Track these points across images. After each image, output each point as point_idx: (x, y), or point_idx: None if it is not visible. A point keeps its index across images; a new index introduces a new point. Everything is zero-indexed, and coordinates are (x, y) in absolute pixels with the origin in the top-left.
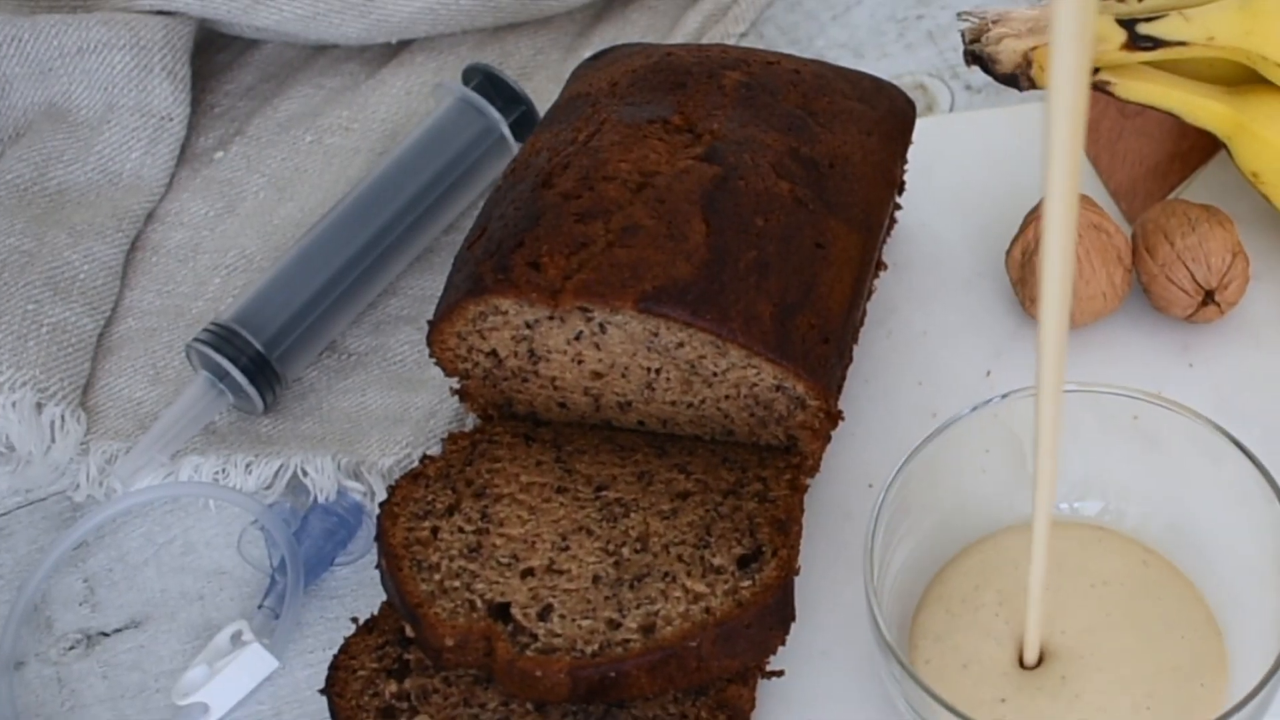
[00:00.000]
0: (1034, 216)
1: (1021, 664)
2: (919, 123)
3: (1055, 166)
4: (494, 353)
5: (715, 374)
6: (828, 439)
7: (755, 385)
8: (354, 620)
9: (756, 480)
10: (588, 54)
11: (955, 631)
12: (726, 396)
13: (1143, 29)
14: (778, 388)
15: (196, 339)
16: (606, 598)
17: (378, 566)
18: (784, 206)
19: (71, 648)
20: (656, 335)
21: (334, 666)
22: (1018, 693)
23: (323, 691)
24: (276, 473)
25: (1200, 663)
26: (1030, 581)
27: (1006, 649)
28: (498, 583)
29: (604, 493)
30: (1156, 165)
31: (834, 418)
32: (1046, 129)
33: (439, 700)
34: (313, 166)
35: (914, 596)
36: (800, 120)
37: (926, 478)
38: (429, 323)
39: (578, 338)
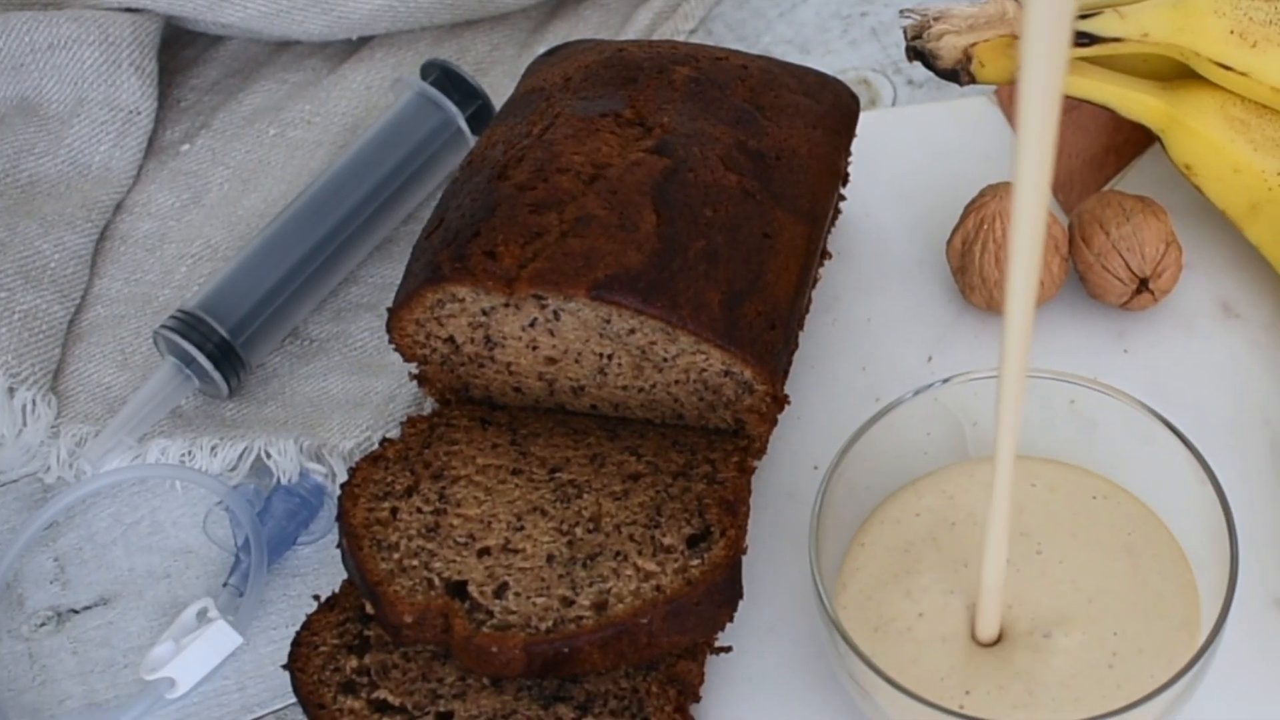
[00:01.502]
0: (974, 207)
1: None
2: (863, 116)
3: (1027, 144)
4: (451, 339)
5: (665, 359)
6: (774, 423)
7: (704, 370)
8: (316, 598)
9: (705, 463)
10: (542, 50)
11: (871, 562)
12: (676, 381)
13: (1079, 25)
14: (726, 373)
15: (163, 326)
16: (560, 576)
17: (339, 546)
18: (732, 197)
19: (42, 624)
20: (609, 322)
21: (296, 643)
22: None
23: (285, 667)
24: (241, 455)
25: (1183, 600)
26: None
27: (926, 558)
28: (455, 561)
29: (558, 474)
30: (1093, 158)
31: (780, 402)
32: (1019, 117)
33: (398, 675)
34: (276, 159)
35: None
36: (748, 114)
37: (870, 460)
38: (388, 310)
39: (532, 324)
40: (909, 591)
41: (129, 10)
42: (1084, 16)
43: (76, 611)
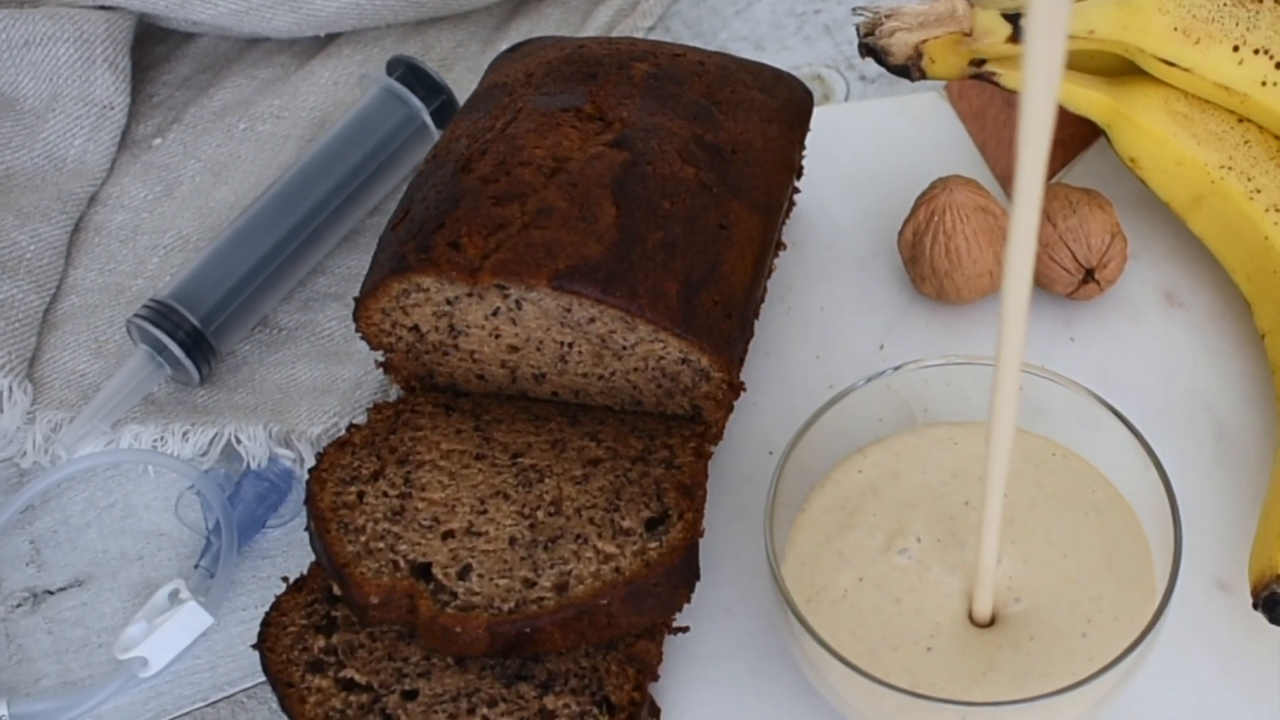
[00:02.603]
0: (924, 199)
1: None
2: (816, 111)
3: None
4: (416, 328)
5: (624, 348)
6: (730, 409)
7: (662, 358)
8: (284, 579)
9: (663, 448)
10: (505, 46)
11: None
12: (635, 369)
13: (1024, 23)
14: (683, 361)
15: (136, 315)
16: (522, 558)
17: (307, 528)
18: (689, 190)
19: (19, 605)
20: (569, 311)
21: (265, 623)
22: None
23: (255, 646)
24: (211, 440)
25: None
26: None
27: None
28: (420, 544)
29: (520, 459)
30: None
31: (736, 389)
32: (1021, 113)
33: (364, 654)
34: (246, 152)
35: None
36: (705, 109)
37: (823, 445)
38: (355, 299)
39: (495, 313)
40: (841, 552)
41: (103, 8)
42: None
43: (52, 592)
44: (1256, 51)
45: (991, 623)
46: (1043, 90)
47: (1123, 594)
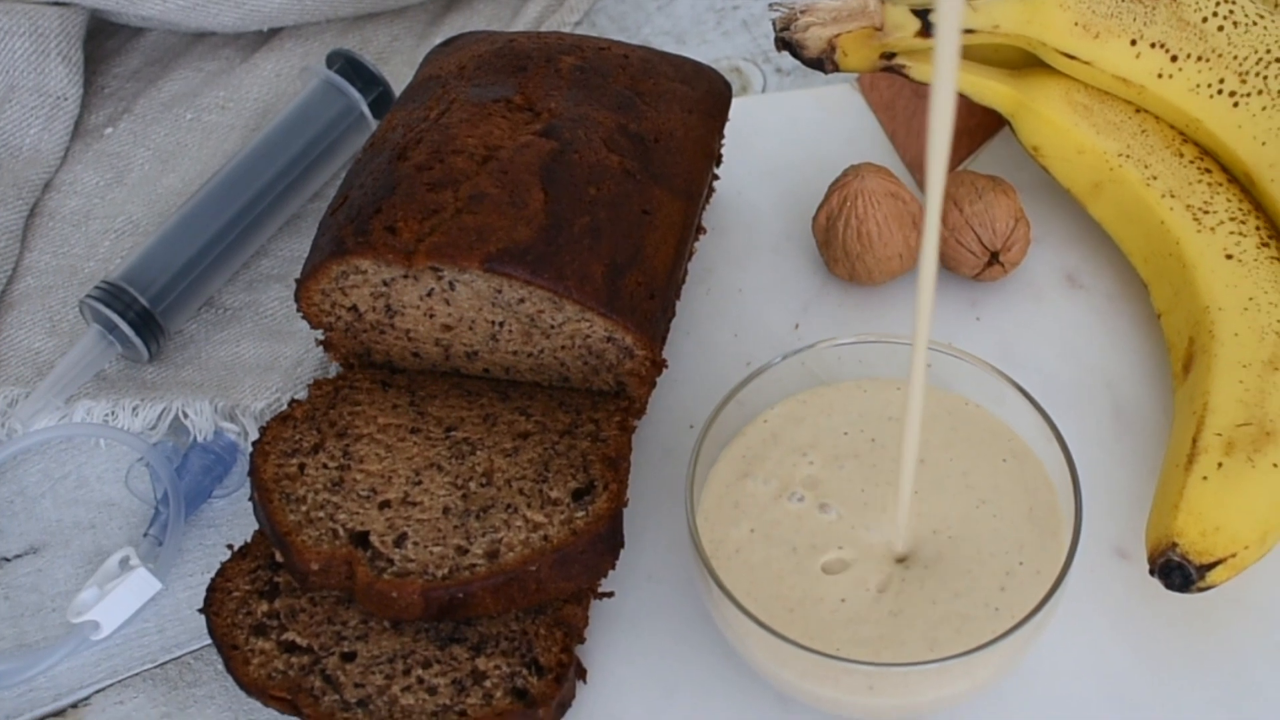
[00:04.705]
0: (837, 185)
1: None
2: (735, 102)
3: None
4: (354, 308)
5: (552, 327)
6: (653, 385)
7: (588, 337)
8: (229, 547)
9: (589, 422)
10: (439, 40)
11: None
12: (563, 347)
13: (933, 17)
14: (608, 339)
15: (89, 295)
16: (455, 527)
17: (250, 499)
18: (614, 177)
19: None
20: (500, 292)
21: (211, 588)
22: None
23: (201, 610)
24: (160, 415)
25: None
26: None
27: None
28: (358, 513)
29: (453, 433)
30: None
31: (659, 366)
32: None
33: (305, 618)
34: (193, 141)
35: None
36: (629, 100)
37: (740, 419)
38: (297, 281)
39: (430, 294)
40: (737, 503)
41: (56, 3)
42: None
43: (8, 559)
44: (1153, 45)
45: (903, 559)
46: (947, 70)
47: (1044, 545)
